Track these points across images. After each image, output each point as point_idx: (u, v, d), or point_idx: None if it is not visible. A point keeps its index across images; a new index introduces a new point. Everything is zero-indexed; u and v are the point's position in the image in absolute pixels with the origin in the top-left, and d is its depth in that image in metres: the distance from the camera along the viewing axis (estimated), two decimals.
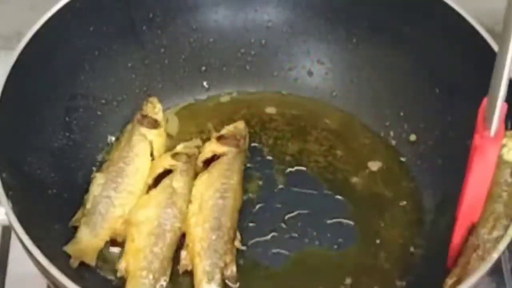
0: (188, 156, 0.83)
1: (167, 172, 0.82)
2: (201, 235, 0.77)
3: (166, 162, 0.82)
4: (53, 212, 0.77)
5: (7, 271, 0.84)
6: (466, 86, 0.82)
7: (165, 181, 0.81)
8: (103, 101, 0.88)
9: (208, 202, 0.79)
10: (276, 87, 0.93)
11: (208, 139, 0.87)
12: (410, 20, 0.86)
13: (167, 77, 0.92)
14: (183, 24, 0.91)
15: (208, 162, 0.83)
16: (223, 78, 0.93)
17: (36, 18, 0.80)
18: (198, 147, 0.85)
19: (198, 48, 0.93)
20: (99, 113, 0.87)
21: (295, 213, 0.82)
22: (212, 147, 0.84)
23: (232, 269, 0.76)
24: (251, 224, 0.81)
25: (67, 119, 0.84)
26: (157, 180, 0.81)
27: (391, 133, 0.89)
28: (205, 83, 0.93)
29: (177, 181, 0.80)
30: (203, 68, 0.93)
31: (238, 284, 0.77)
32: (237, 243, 0.78)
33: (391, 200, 0.84)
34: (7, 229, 0.85)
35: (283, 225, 0.82)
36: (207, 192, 0.80)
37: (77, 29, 0.84)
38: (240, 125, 0.87)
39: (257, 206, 0.83)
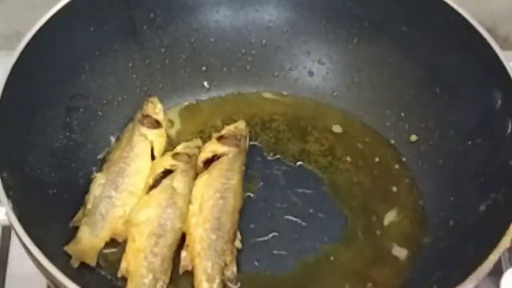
0: (189, 156, 0.83)
1: (167, 172, 0.82)
2: (201, 235, 0.77)
3: (167, 162, 0.82)
4: (53, 212, 0.77)
5: (7, 271, 0.84)
6: (466, 86, 0.82)
7: (166, 181, 0.81)
8: (104, 101, 0.88)
9: (209, 202, 0.79)
10: (277, 87, 0.93)
11: (209, 138, 0.87)
12: (410, 20, 0.86)
13: (167, 77, 0.92)
14: (184, 24, 0.91)
15: (208, 162, 0.83)
16: (223, 78, 0.93)
17: (36, 18, 0.80)
18: (198, 147, 0.85)
19: (199, 48, 0.93)
20: (99, 113, 0.87)
21: (295, 213, 0.82)
22: (212, 147, 0.84)
23: (232, 269, 0.76)
24: (251, 225, 0.81)
25: (67, 119, 0.84)
26: (158, 180, 0.81)
27: (392, 133, 0.89)
28: (205, 83, 0.93)
29: (178, 181, 0.80)
30: (204, 68, 0.93)
31: (238, 285, 0.77)
32: (237, 243, 0.78)
33: (391, 200, 0.84)
34: (7, 229, 0.86)
35: (283, 225, 0.81)
36: (208, 192, 0.80)
37: (78, 29, 0.84)
38: (241, 125, 0.87)
39: (257, 206, 0.83)
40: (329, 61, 0.93)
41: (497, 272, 0.83)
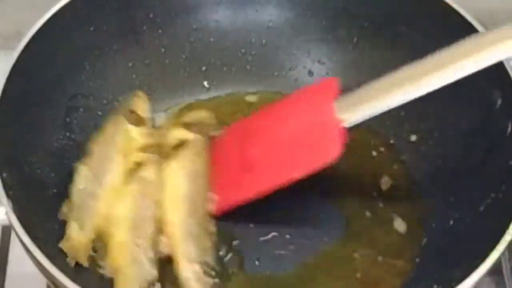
0: (158, 146, 0.83)
1: (138, 165, 0.81)
2: (177, 222, 0.77)
3: (136, 156, 0.82)
4: (53, 212, 0.77)
5: (7, 271, 0.84)
6: (466, 86, 0.82)
7: (138, 174, 0.80)
8: (104, 101, 0.88)
9: (180, 188, 0.80)
10: (277, 87, 0.93)
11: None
12: (410, 20, 0.86)
13: (167, 77, 0.92)
14: (184, 24, 0.92)
15: (175, 149, 0.83)
16: (223, 78, 0.93)
17: (36, 18, 0.80)
18: (162, 134, 0.85)
19: (199, 48, 0.93)
20: (99, 113, 0.87)
21: (295, 212, 0.82)
22: (178, 134, 0.84)
23: (212, 255, 0.77)
24: (251, 224, 0.81)
25: (67, 119, 0.84)
26: (130, 173, 0.81)
27: (392, 133, 0.89)
28: (205, 83, 0.93)
29: (149, 172, 0.80)
30: (204, 68, 0.93)
31: (236, 282, 0.77)
32: (211, 228, 0.79)
33: (391, 200, 0.84)
34: (7, 229, 0.86)
35: (283, 225, 0.81)
36: (178, 179, 0.80)
37: (77, 29, 0.84)
38: (203, 113, 0.88)
39: (257, 206, 0.83)
40: (329, 61, 0.93)
41: (497, 272, 0.84)
